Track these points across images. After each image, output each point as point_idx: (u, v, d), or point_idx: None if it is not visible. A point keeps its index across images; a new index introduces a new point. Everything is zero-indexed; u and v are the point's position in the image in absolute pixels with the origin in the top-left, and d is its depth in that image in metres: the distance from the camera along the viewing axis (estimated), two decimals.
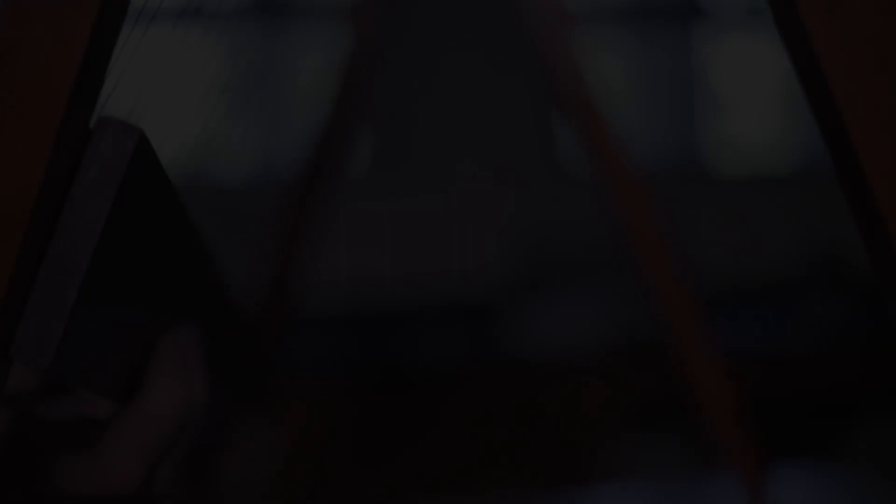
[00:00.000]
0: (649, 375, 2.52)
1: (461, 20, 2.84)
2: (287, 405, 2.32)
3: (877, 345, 2.67)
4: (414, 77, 2.81)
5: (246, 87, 2.68)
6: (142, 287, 0.35)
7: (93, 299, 0.31)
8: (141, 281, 0.35)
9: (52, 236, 0.30)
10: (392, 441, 2.39)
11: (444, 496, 2.39)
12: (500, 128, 2.88)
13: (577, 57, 0.83)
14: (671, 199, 3.09)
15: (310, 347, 2.63)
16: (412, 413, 2.40)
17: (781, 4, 0.31)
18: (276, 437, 2.33)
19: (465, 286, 2.82)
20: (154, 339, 0.38)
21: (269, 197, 2.85)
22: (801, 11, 0.30)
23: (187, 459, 0.54)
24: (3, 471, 0.34)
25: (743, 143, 3.09)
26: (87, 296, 0.30)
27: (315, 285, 2.76)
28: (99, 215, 0.30)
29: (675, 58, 3.05)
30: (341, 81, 0.86)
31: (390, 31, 2.75)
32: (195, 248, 0.41)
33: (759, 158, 3.09)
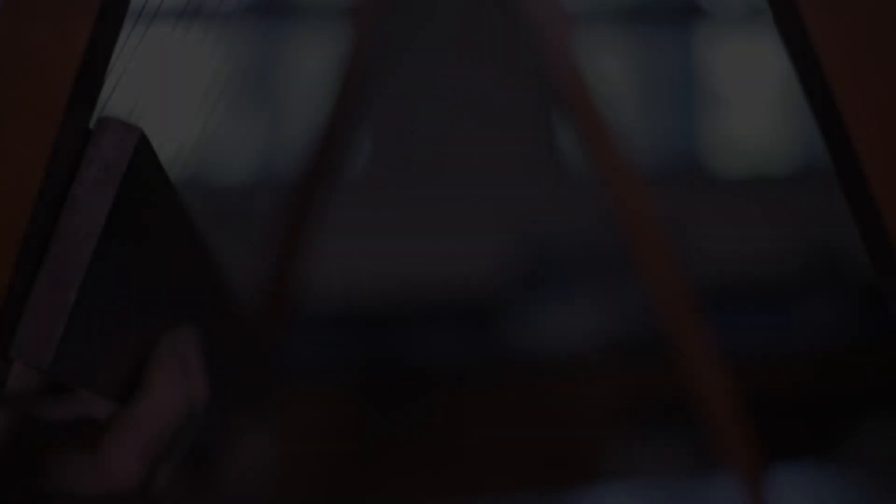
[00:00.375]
0: (649, 375, 2.52)
1: (462, 19, 2.84)
2: (287, 405, 2.32)
3: (876, 345, 2.67)
4: (413, 76, 2.81)
5: (245, 86, 2.68)
6: (142, 287, 0.35)
7: (93, 299, 0.31)
8: (141, 281, 0.35)
9: (52, 236, 0.30)
10: (391, 440, 2.39)
11: (443, 495, 2.39)
12: (500, 127, 2.88)
13: (577, 57, 0.83)
14: (671, 198, 3.11)
15: (309, 347, 2.64)
16: (412, 413, 2.40)
17: (781, 4, 0.31)
18: (277, 437, 2.33)
19: (464, 286, 2.82)
20: (154, 339, 0.38)
21: (268, 196, 2.86)
22: (801, 11, 0.30)
23: (188, 459, 0.54)
24: (4, 471, 0.34)
25: (743, 142, 3.09)
26: (87, 296, 0.30)
27: (315, 285, 2.77)
28: (99, 215, 0.30)
29: (676, 58, 3.05)
30: (341, 81, 0.86)
31: (391, 31, 2.75)
32: (195, 248, 0.41)
33: (759, 158, 3.09)
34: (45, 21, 0.28)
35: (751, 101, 3.10)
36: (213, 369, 0.48)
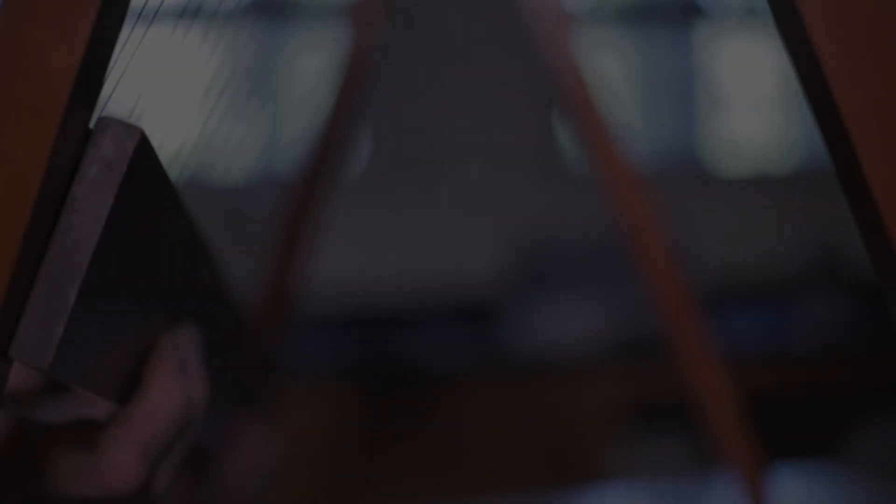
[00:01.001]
0: (649, 375, 2.52)
1: (462, 19, 2.84)
2: (286, 405, 2.32)
3: (876, 345, 2.67)
4: (413, 76, 2.81)
5: (245, 86, 2.68)
6: (142, 287, 0.35)
7: (93, 299, 0.31)
8: (141, 281, 0.35)
9: (52, 236, 0.30)
10: (390, 440, 2.39)
11: (442, 495, 2.39)
12: (500, 127, 2.88)
13: (577, 57, 0.83)
14: (671, 198, 3.10)
15: (308, 347, 2.64)
16: (413, 413, 2.40)
17: (781, 5, 0.31)
18: (277, 437, 2.33)
19: (464, 286, 2.82)
20: (154, 339, 0.38)
21: (269, 196, 2.85)
22: (801, 12, 0.30)
23: (188, 459, 0.54)
24: (3, 472, 0.34)
25: (743, 142, 3.09)
26: (87, 296, 0.30)
27: (314, 285, 2.77)
28: (99, 215, 0.30)
29: (676, 58, 3.04)
30: (341, 81, 0.86)
31: (392, 30, 2.75)
32: (196, 248, 0.41)
33: (759, 158, 3.09)
34: (45, 21, 0.28)
35: (751, 101, 3.09)
36: (214, 369, 0.48)
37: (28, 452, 0.35)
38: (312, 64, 2.75)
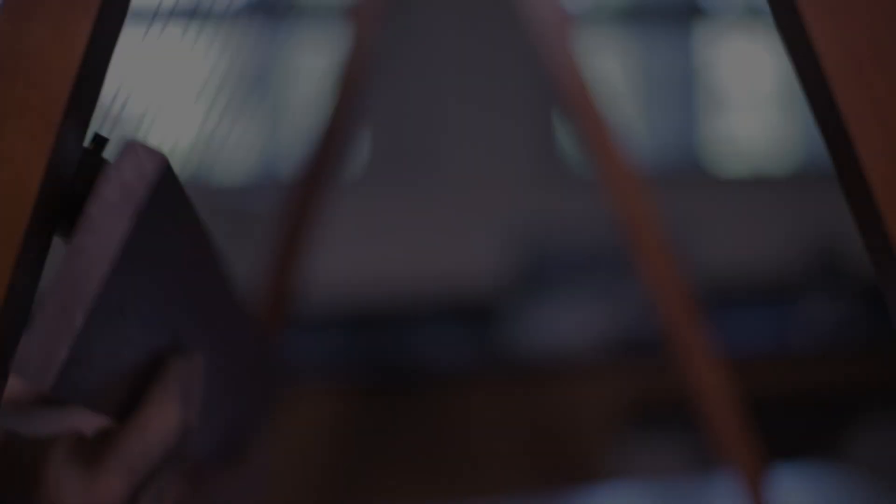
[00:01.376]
0: (649, 375, 2.52)
1: (462, 19, 2.84)
2: (288, 405, 2.32)
3: (876, 345, 2.67)
4: (413, 76, 2.81)
5: (246, 86, 2.68)
6: (153, 310, 0.35)
7: (101, 322, 0.30)
8: (153, 304, 0.34)
9: (50, 238, 0.30)
10: (389, 441, 2.39)
11: (442, 495, 2.39)
12: (499, 127, 2.88)
13: (577, 57, 0.83)
14: (671, 198, 3.10)
15: (308, 347, 2.64)
16: (413, 413, 2.40)
17: (781, 4, 0.31)
18: (278, 438, 2.33)
19: (464, 286, 2.82)
20: (159, 360, 0.38)
21: (269, 196, 2.85)
22: (801, 11, 0.30)
23: (184, 472, 0.54)
24: None
25: (743, 142, 3.09)
26: (95, 318, 0.30)
27: (314, 285, 2.77)
28: (114, 239, 0.30)
29: (676, 58, 3.05)
30: (341, 81, 0.86)
31: (391, 29, 2.75)
32: (211, 272, 0.41)
33: (759, 158, 3.09)
34: (45, 21, 0.28)
35: (751, 101, 3.09)
36: (222, 389, 0.47)
37: (15, 464, 0.35)
38: (312, 64, 2.74)
